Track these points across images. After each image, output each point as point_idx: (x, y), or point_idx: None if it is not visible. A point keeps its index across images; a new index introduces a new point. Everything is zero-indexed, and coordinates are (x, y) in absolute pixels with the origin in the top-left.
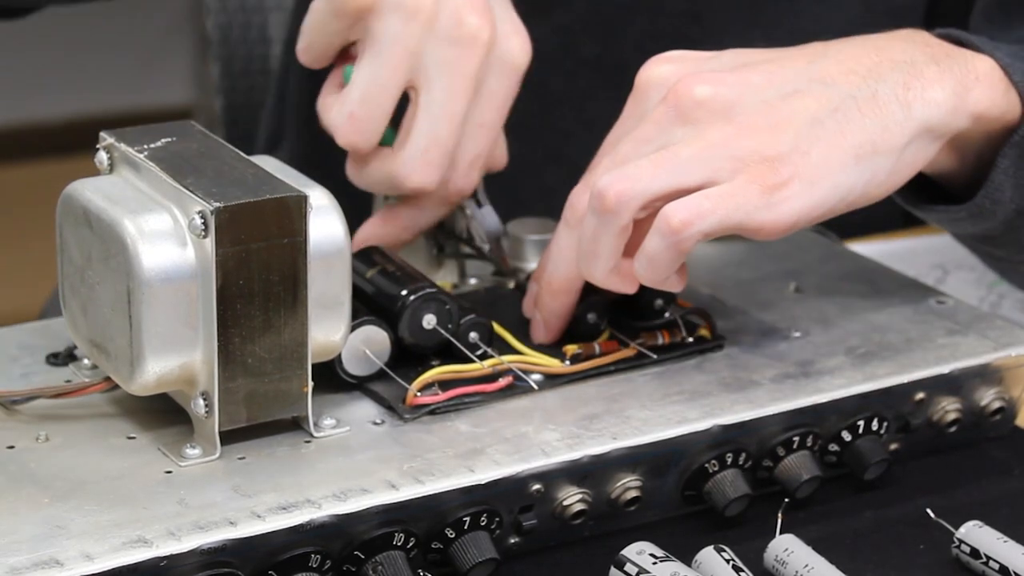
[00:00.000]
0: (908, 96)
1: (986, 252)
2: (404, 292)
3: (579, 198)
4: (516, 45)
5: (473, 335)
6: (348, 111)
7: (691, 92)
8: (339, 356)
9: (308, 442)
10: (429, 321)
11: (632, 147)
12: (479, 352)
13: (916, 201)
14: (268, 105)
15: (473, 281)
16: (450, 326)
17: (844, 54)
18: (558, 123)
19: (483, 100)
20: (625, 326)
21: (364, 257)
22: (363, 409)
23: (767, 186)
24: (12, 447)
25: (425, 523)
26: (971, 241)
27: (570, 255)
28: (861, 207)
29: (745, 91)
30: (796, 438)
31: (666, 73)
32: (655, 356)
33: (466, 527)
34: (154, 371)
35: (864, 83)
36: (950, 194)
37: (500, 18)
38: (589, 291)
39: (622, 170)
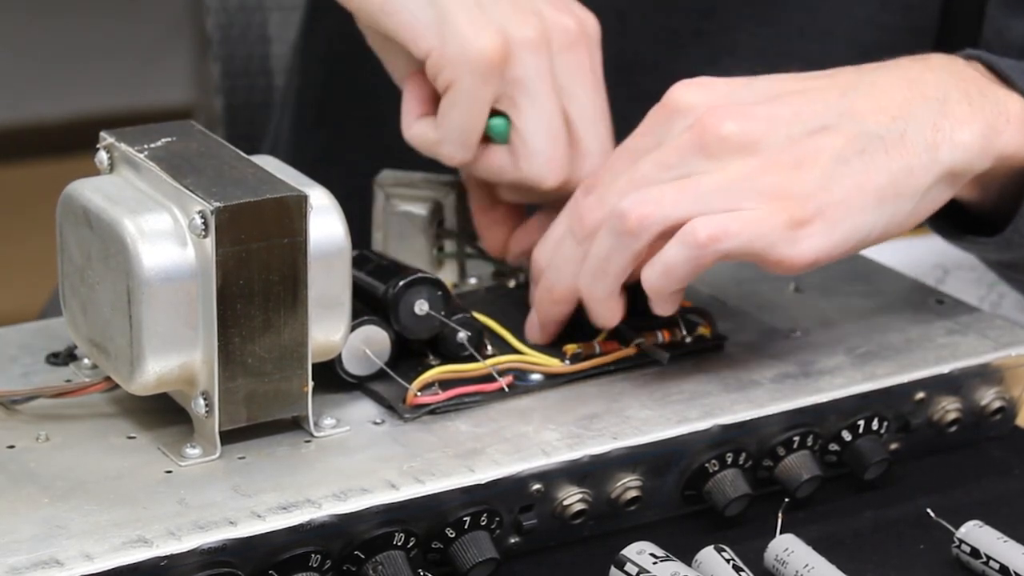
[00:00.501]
0: (936, 138)
1: (1011, 277)
2: (394, 279)
3: (589, 211)
4: (591, 22)
5: (462, 335)
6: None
7: (718, 127)
8: (339, 356)
9: (308, 442)
10: (421, 307)
11: (653, 170)
12: (466, 353)
13: (942, 227)
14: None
15: (473, 281)
16: (443, 312)
17: (876, 87)
18: None
19: (599, 82)
20: (625, 326)
21: (360, 257)
22: (363, 409)
23: (793, 220)
24: (12, 447)
25: (425, 523)
26: (997, 267)
27: (574, 267)
28: (880, 243)
29: (772, 126)
30: (796, 438)
31: (694, 101)
32: (667, 356)
33: (466, 527)
34: (154, 371)
35: (893, 123)
36: (975, 217)
37: (567, 2)
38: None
39: (645, 193)
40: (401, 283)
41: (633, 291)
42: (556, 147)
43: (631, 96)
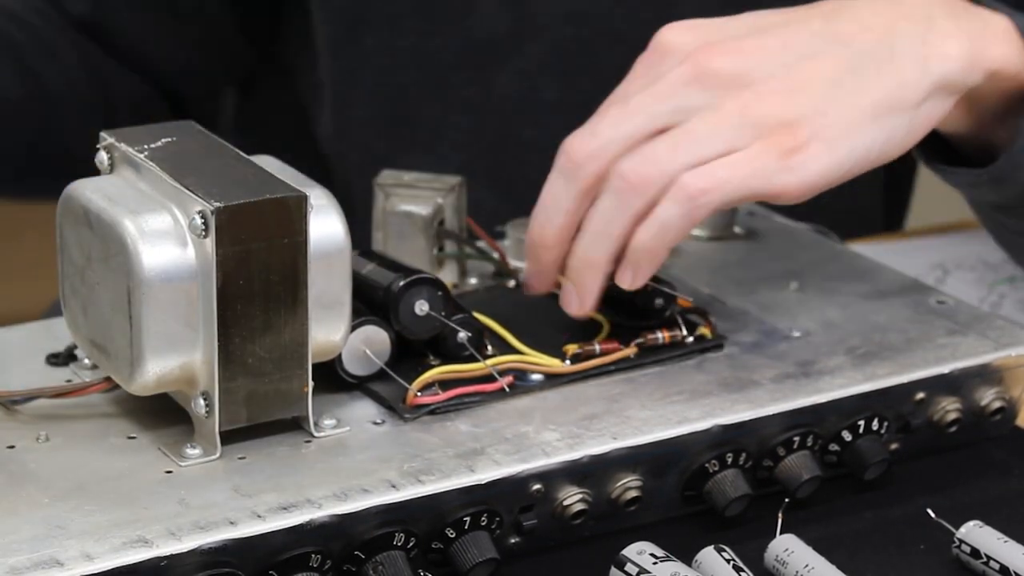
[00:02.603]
0: (925, 52)
1: (1001, 223)
2: (395, 279)
3: (579, 143)
4: None
5: (462, 335)
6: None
7: (709, 63)
8: (339, 356)
9: (308, 442)
10: (421, 307)
11: (646, 102)
12: (466, 353)
13: (937, 163)
14: None
15: (473, 281)
16: (443, 312)
17: (860, 11)
18: (530, 173)
19: None
20: (625, 326)
21: (362, 255)
22: (363, 409)
23: (785, 150)
24: (12, 447)
25: (425, 523)
26: (987, 210)
27: (566, 206)
28: (879, 165)
29: (762, 57)
30: (796, 438)
31: (683, 40)
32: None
33: (466, 527)
34: (154, 371)
35: (880, 41)
36: (970, 160)
37: None
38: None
39: (640, 153)
40: (401, 283)
41: (633, 291)
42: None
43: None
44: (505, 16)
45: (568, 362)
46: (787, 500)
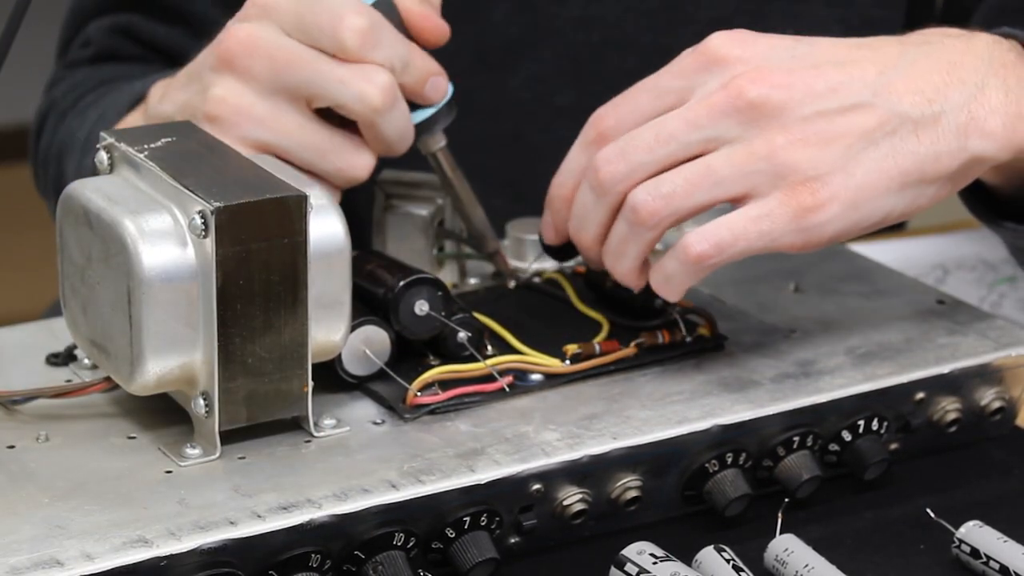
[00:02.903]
0: (968, 125)
1: None
2: (395, 279)
3: (607, 163)
4: None
5: (462, 335)
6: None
7: (753, 90)
8: (339, 356)
9: (308, 442)
10: (421, 307)
11: (681, 128)
12: (466, 353)
13: (977, 209)
14: None
15: (473, 281)
16: (443, 312)
17: (916, 67)
18: (541, 177)
19: None
20: (625, 326)
21: (361, 257)
22: (363, 409)
23: (801, 208)
24: (12, 447)
25: (425, 523)
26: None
27: (595, 219)
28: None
29: (806, 98)
30: (796, 438)
31: (734, 55)
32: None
33: (466, 527)
34: (154, 371)
35: (928, 106)
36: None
37: None
38: None
39: (658, 187)
40: (401, 283)
41: (632, 291)
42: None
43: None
44: (517, 21)
45: (568, 362)
46: (787, 500)
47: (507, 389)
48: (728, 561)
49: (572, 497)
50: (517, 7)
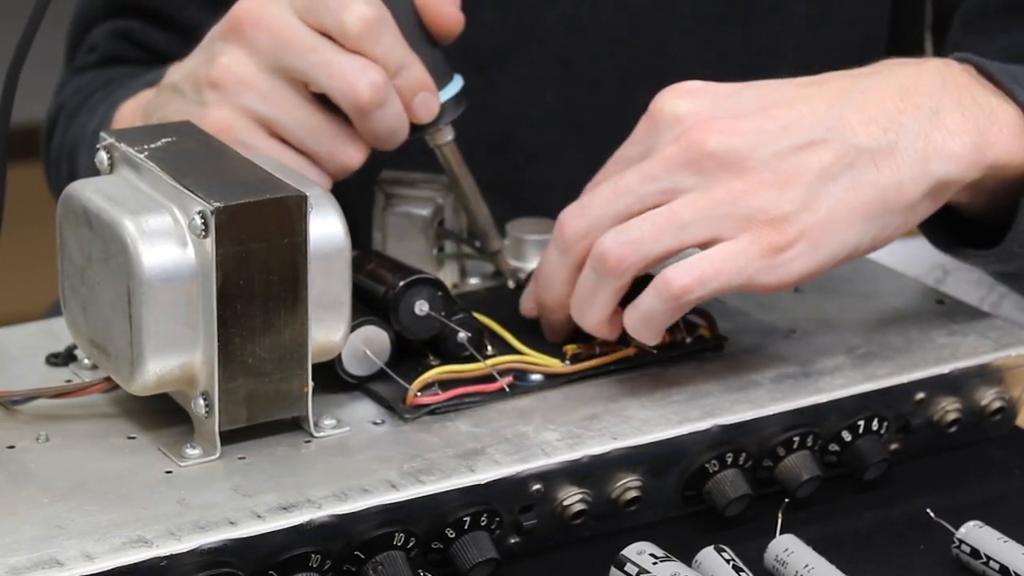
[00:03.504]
0: (928, 149)
1: (1013, 285)
2: (394, 279)
3: (569, 219)
4: None
5: (462, 335)
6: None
7: (704, 142)
8: (339, 356)
9: (308, 442)
10: (421, 307)
11: (636, 181)
12: (466, 353)
13: (938, 238)
14: None
15: (473, 281)
16: (443, 312)
17: (867, 97)
18: (531, 178)
19: None
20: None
21: (361, 257)
22: (363, 409)
23: (771, 247)
24: (12, 447)
25: (425, 523)
26: (997, 276)
27: (559, 276)
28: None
29: (759, 141)
30: (796, 438)
31: (682, 110)
32: (655, 351)
33: (466, 527)
34: (154, 371)
35: (884, 135)
36: (968, 222)
37: None
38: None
39: (624, 233)
40: (401, 283)
41: (633, 291)
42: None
43: (591, 147)
44: (506, 22)
45: (568, 362)
46: (787, 500)
47: (507, 389)
48: (728, 561)
49: (572, 497)
50: (505, 8)
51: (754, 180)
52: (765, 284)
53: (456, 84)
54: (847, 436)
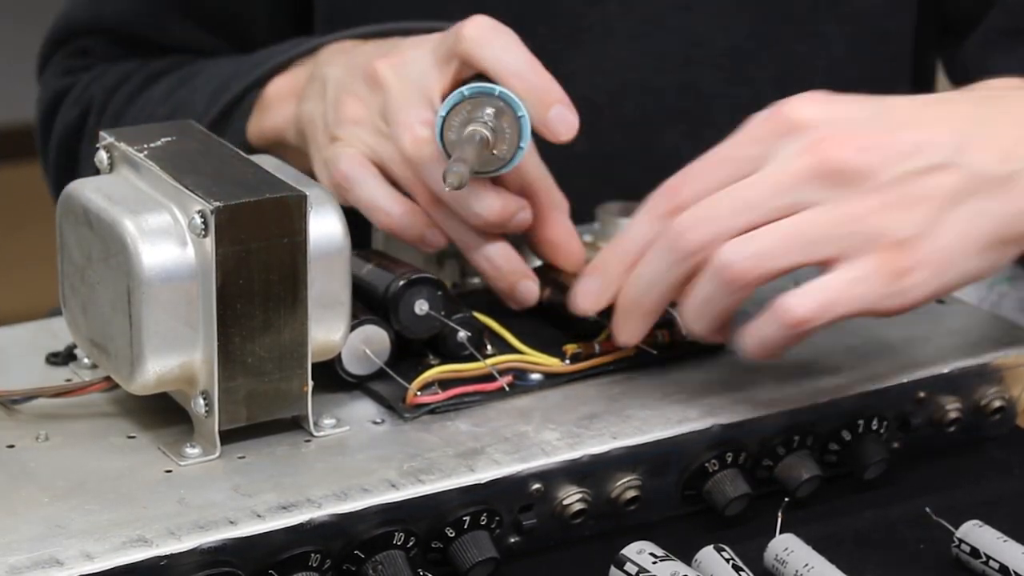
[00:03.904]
0: None
1: None
2: (394, 278)
3: (690, 230)
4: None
5: (462, 334)
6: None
7: (835, 155)
8: (339, 355)
9: (308, 441)
10: (421, 307)
11: (766, 194)
12: (466, 353)
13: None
14: None
15: (473, 281)
16: (443, 312)
17: (993, 124)
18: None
19: None
20: None
21: (361, 256)
22: (363, 408)
23: (894, 273)
24: (12, 446)
25: (425, 522)
26: None
27: (668, 281)
28: None
29: (889, 160)
30: (796, 438)
31: (813, 117)
32: (654, 351)
33: (466, 526)
34: (154, 370)
35: (1007, 164)
36: None
37: None
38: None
39: (749, 246)
40: (401, 283)
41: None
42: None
43: (612, 191)
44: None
45: (568, 362)
46: (787, 500)
47: (507, 389)
48: (728, 561)
49: (572, 497)
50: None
51: (882, 199)
52: (885, 310)
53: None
54: (847, 436)
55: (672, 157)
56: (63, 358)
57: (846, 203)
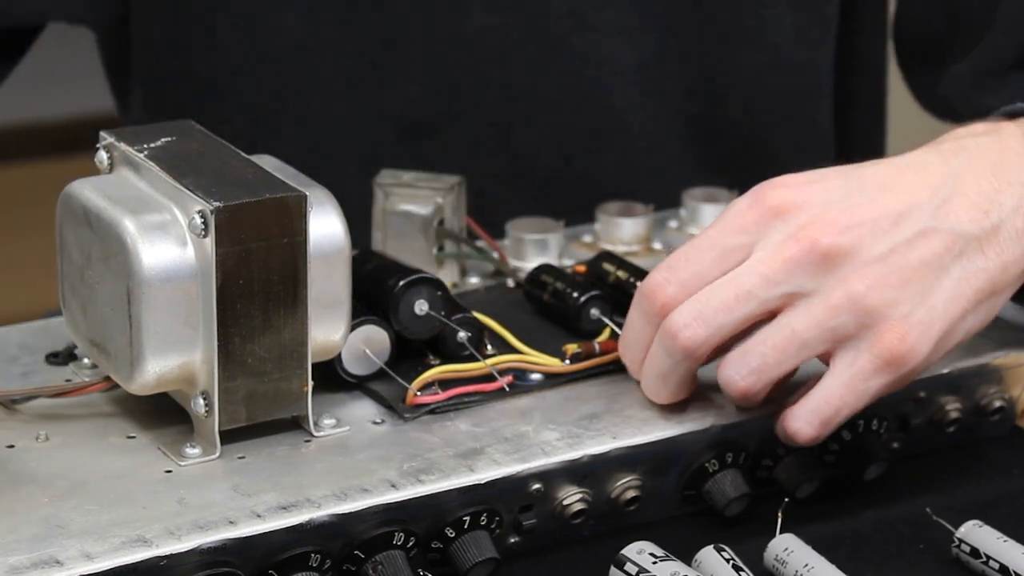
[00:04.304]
0: (1020, 225)
1: None
2: (395, 279)
3: (684, 328)
4: None
5: (462, 334)
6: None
7: (821, 240)
8: (339, 355)
9: (308, 441)
10: (421, 307)
11: (759, 286)
12: (466, 353)
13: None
14: None
15: (473, 281)
16: (443, 312)
17: (965, 178)
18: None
19: None
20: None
21: (361, 257)
22: (363, 408)
23: (893, 357)
24: (12, 446)
25: (425, 522)
26: None
27: (670, 379)
28: None
29: (874, 236)
30: None
31: (794, 202)
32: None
33: (466, 526)
34: (154, 371)
35: (987, 217)
36: None
37: None
38: (589, 286)
39: (746, 363)
40: (401, 283)
41: (632, 291)
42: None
43: (526, 197)
44: (439, 91)
45: (568, 362)
46: (787, 500)
47: (507, 389)
48: (728, 561)
49: (572, 497)
50: (436, 77)
51: (870, 278)
52: (889, 392)
53: None
54: (847, 436)
55: (590, 172)
56: (63, 358)
57: (836, 290)
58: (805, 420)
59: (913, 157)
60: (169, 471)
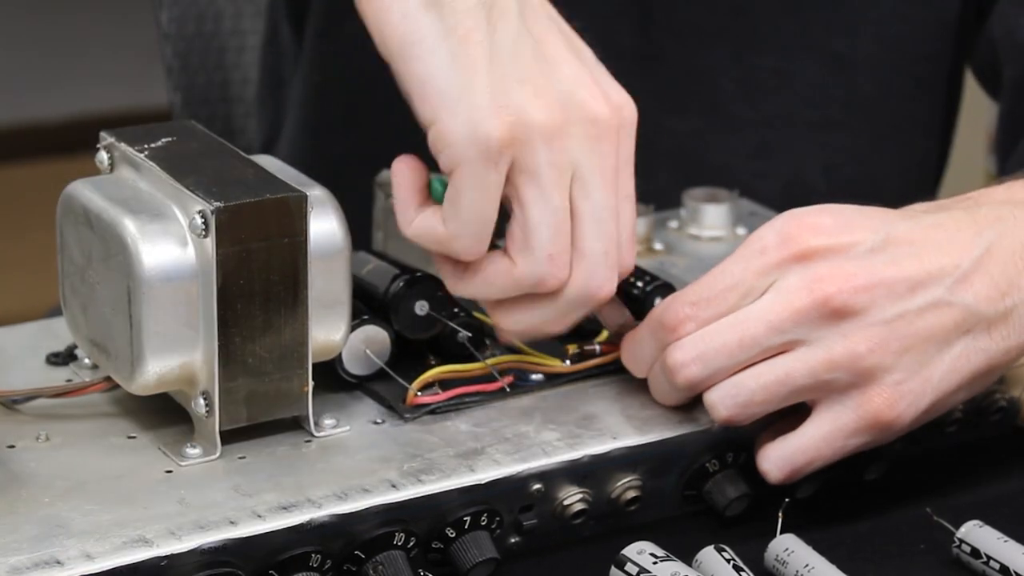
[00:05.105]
0: None
1: None
2: (395, 279)
3: (685, 368)
4: (627, 110)
5: (462, 334)
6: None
7: (833, 296)
8: (339, 356)
9: (308, 442)
10: (421, 307)
11: (764, 333)
12: (467, 353)
13: None
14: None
15: None
16: (443, 312)
17: (993, 254)
18: None
19: (623, 174)
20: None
21: (361, 257)
22: (363, 409)
23: (877, 421)
24: (12, 446)
25: (425, 523)
26: None
27: (668, 402)
28: None
29: (886, 299)
30: None
31: (817, 248)
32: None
33: (466, 527)
34: (154, 371)
35: (1002, 301)
36: None
37: (606, 86)
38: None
39: (735, 396)
40: (401, 283)
41: (629, 295)
42: (557, 245)
43: (652, 89)
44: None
45: (568, 362)
46: (787, 500)
47: (507, 389)
48: (728, 561)
49: (572, 497)
50: None
51: (872, 340)
52: (865, 449)
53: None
54: None
55: (716, 70)
56: (63, 358)
57: (838, 345)
58: (776, 465)
59: (948, 217)
60: (170, 471)
